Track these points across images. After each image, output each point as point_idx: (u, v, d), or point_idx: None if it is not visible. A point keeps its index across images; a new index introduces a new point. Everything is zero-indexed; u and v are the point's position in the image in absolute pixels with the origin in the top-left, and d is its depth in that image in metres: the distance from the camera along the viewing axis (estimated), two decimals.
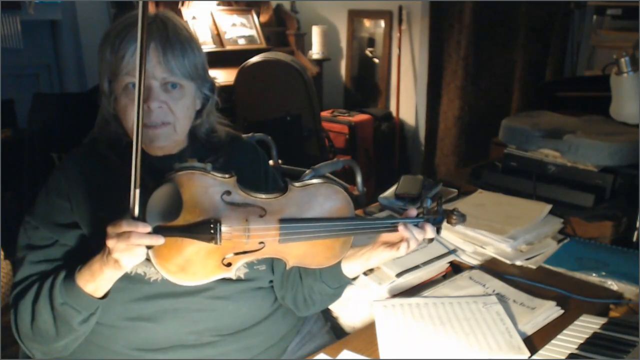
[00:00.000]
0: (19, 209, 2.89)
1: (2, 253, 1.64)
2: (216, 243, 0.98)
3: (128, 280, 1.07)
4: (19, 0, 3.47)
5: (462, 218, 1.12)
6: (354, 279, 1.19)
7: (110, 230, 0.92)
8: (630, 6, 2.96)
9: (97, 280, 0.99)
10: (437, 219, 1.12)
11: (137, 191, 0.92)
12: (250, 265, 1.16)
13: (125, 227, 0.91)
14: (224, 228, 0.99)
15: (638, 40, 1.93)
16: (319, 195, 1.05)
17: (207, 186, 1.00)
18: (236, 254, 1.02)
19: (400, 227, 1.08)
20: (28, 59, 3.69)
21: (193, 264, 1.00)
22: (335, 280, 1.17)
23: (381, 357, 1.09)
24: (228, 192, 1.01)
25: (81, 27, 3.93)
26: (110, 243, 0.92)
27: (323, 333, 1.33)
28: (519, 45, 3.39)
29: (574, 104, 2.66)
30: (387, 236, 1.12)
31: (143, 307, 1.08)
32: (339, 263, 1.15)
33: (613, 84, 1.91)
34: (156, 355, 1.10)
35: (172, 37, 1.06)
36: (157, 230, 0.94)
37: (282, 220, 1.02)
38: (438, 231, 1.13)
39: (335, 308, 1.38)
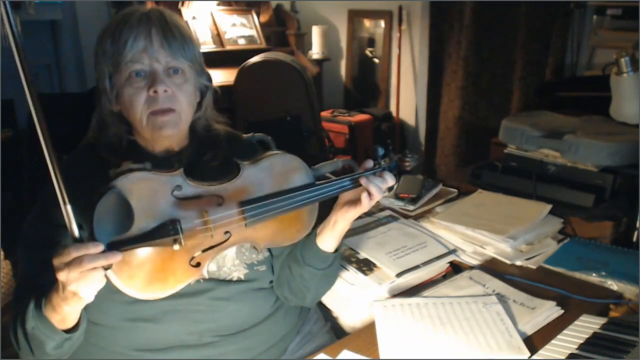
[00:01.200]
0: (19, 209, 2.89)
1: (2, 253, 1.64)
2: (180, 245, 0.90)
3: None
4: (19, 0, 3.47)
5: (413, 159, 1.15)
6: (336, 251, 1.18)
7: (56, 262, 0.84)
8: (630, 6, 2.96)
9: (60, 314, 0.94)
10: (392, 164, 1.14)
11: (68, 207, 0.84)
12: (250, 266, 1.16)
13: (73, 253, 0.82)
14: (184, 226, 0.91)
15: (638, 40, 1.93)
16: (273, 167, 1.02)
17: (154, 185, 0.91)
18: (204, 250, 0.95)
19: (363, 180, 1.08)
20: (28, 59, 3.69)
21: (160, 274, 0.91)
22: (317, 259, 1.16)
23: (381, 357, 1.09)
24: (179, 187, 0.93)
25: (81, 27, 3.93)
26: (61, 276, 0.83)
27: (323, 333, 1.33)
28: (519, 45, 3.38)
29: (574, 104, 2.66)
30: (347, 195, 1.12)
31: (142, 308, 1.08)
32: (314, 241, 1.15)
33: (613, 84, 1.91)
34: (156, 356, 1.10)
35: (170, 23, 1.08)
36: (111, 247, 0.85)
37: (243, 203, 0.97)
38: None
39: (335, 308, 1.38)
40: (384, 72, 4.15)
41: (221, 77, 3.51)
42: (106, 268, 0.85)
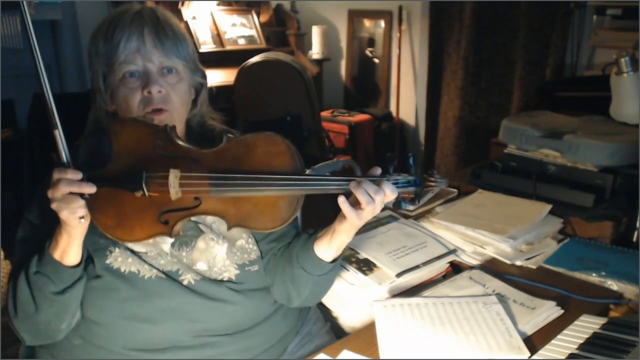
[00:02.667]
0: (19, 209, 2.89)
1: (2, 253, 1.64)
2: (143, 194, 0.96)
3: (122, 278, 1.07)
4: (19, 0, 3.47)
5: (442, 181, 0.99)
6: (334, 261, 1.12)
7: (50, 181, 0.94)
8: (630, 6, 2.96)
9: (59, 244, 0.99)
10: (413, 181, 0.99)
11: (56, 132, 0.95)
12: (241, 266, 1.15)
13: (55, 174, 0.93)
14: (151, 179, 0.96)
15: (638, 40, 1.93)
16: (257, 146, 0.99)
17: (139, 134, 0.98)
18: (171, 210, 0.99)
19: (352, 184, 0.97)
20: (28, 59, 3.69)
21: (129, 219, 0.98)
22: (312, 265, 1.12)
23: (381, 357, 1.09)
24: (160, 142, 0.98)
25: (81, 27, 3.93)
26: (49, 193, 0.93)
27: (323, 333, 1.32)
28: (519, 45, 3.39)
29: (574, 104, 2.66)
30: (346, 204, 1.02)
31: (139, 306, 1.08)
32: (312, 245, 1.11)
33: (613, 84, 1.91)
34: (155, 356, 1.10)
35: (163, 22, 1.09)
36: (89, 180, 0.94)
37: (214, 172, 0.98)
38: (417, 199, 1.01)
39: (335, 308, 1.38)
40: (384, 72, 4.15)
41: (221, 77, 3.51)
42: (84, 197, 0.94)
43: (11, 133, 3.14)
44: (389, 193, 0.98)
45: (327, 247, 1.10)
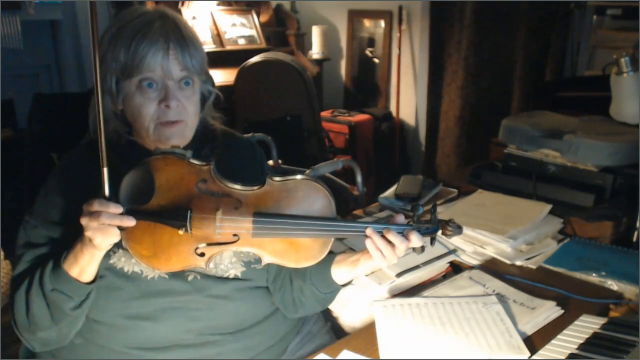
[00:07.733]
0: (19, 209, 2.88)
1: (2, 253, 1.64)
2: (186, 231, 0.98)
3: (125, 278, 1.07)
4: (19, 0, 3.47)
5: (459, 230, 1.05)
6: (344, 285, 1.16)
7: (84, 207, 0.94)
8: (630, 6, 2.96)
9: (79, 263, 0.99)
10: (431, 228, 1.05)
11: (105, 170, 0.95)
12: (247, 264, 1.16)
13: (96, 206, 0.93)
14: (194, 217, 0.98)
15: (638, 40, 1.93)
16: (298, 191, 1.02)
17: (182, 172, 0.99)
18: (209, 244, 1.00)
19: (369, 231, 1.02)
20: (28, 59, 3.69)
21: (165, 250, 1.00)
22: (324, 285, 1.14)
23: (381, 357, 1.09)
24: (204, 181, 1.00)
25: (81, 27, 3.93)
26: (83, 220, 0.94)
27: (323, 333, 1.33)
28: (519, 45, 3.39)
29: (574, 104, 2.66)
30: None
31: (141, 306, 1.08)
32: (328, 267, 1.13)
33: (613, 84, 1.91)
34: (156, 355, 1.10)
35: (185, 35, 1.08)
36: (128, 213, 0.95)
37: (256, 214, 1.00)
38: (432, 241, 1.06)
39: (335, 308, 1.38)
40: (384, 72, 4.15)
41: (221, 77, 3.51)
42: (121, 228, 0.95)
43: (11, 133, 3.14)
44: (417, 241, 1.03)
45: (346, 274, 1.13)
